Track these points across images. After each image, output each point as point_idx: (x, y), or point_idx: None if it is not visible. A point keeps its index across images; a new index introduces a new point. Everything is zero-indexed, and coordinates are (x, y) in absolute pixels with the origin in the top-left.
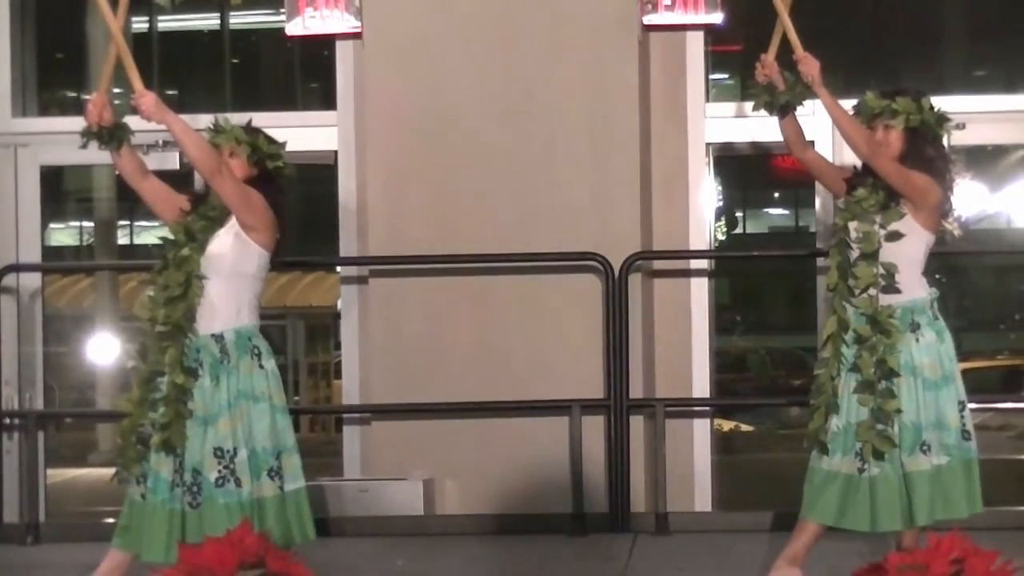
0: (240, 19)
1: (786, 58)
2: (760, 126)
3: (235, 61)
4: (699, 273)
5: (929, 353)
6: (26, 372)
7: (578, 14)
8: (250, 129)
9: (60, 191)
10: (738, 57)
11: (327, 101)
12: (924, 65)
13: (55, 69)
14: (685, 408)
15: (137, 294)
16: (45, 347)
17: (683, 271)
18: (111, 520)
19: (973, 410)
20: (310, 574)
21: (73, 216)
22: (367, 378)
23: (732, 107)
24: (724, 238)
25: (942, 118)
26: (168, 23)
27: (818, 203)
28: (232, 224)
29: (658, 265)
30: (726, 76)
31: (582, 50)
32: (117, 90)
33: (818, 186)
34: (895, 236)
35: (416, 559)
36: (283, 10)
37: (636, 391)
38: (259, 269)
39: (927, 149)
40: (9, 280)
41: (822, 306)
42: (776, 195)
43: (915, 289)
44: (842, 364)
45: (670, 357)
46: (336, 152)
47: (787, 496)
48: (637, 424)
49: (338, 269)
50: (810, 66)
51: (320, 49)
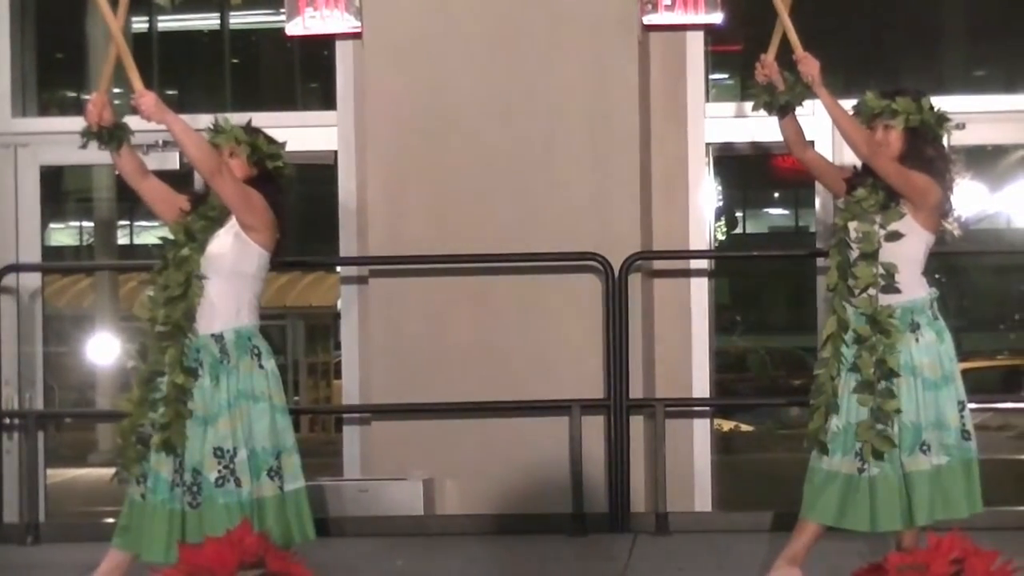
0: (240, 19)
1: (786, 58)
2: (760, 126)
3: (235, 61)
4: (699, 273)
5: (929, 353)
6: (26, 372)
7: (578, 14)
8: (250, 129)
9: (60, 191)
10: (738, 57)
11: (327, 101)
12: (924, 65)
13: (55, 69)
14: (685, 408)
15: (137, 294)
16: (45, 347)
17: (683, 271)
18: (111, 520)
19: (973, 410)
20: (310, 574)
21: (73, 216)
22: (367, 378)
23: (732, 107)
24: (724, 238)
25: (942, 118)
26: (168, 23)
27: (818, 203)
28: (232, 224)
29: (658, 265)
30: (726, 76)
31: (582, 50)
32: (117, 90)
33: (818, 186)
34: (895, 236)
35: (416, 559)
36: (283, 10)
37: (636, 391)
38: (259, 269)
39: (927, 149)
40: (9, 280)
41: (822, 306)
42: (776, 195)
43: (915, 289)
44: (842, 364)
45: (670, 357)
46: (336, 152)
47: (787, 496)
48: (637, 424)
49: (338, 269)
50: (810, 66)
51: (320, 49)
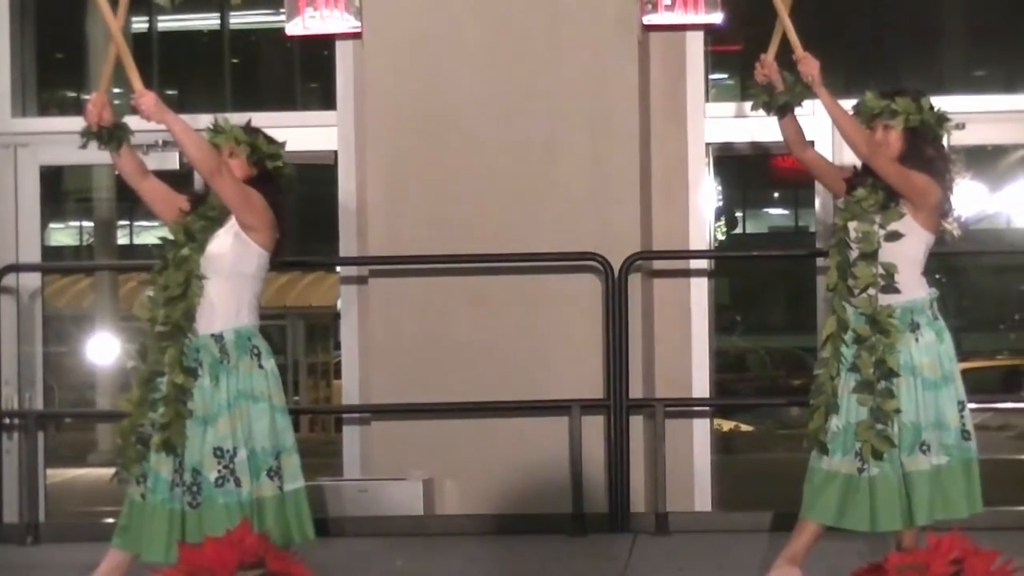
0: (240, 19)
1: (786, 58)
2: (760, 126)
3: (235, 61)
4: (699, 273)
5: (929, 353)
6: (26, 372)
7: (578, 14)
8: (249, 129)
9: (60, 191)
10: (738, 57)
11: (327, 101)
12: (924, 65)
13: (55, 69)
14: (685, 408)
15: (137, 294)
16: (45, 347)
17: (683, 271)
18: (111, 520)
19: (973, 410)
20: (310, 574)
21: (73, 216)
22: (367, 378)
23: (732, 107)
24: (724, 238)
25: (942, 118)
26: (168, 23)
27: (818, 203)
28: (232, 224)
29: (658, 265)
30: (726, 76)
31: (582, 50)
32: (117, 90)
33: (818, 186)
34: (894, 236)
35: (416, 559)
36: (283, 10)
37: (636, 391)
38: (259, 269)
39: (927, 149)
40: (9, 280)
41: (822, 306)
42: (776, 195)
43: (915, 289)
44: (842, 364)
45: (670, 357)
46: (336, 152)
47: (787, 496)
48: (637, 424)
49: (338, 269)
50: (810, 66)
51: (320, 49)
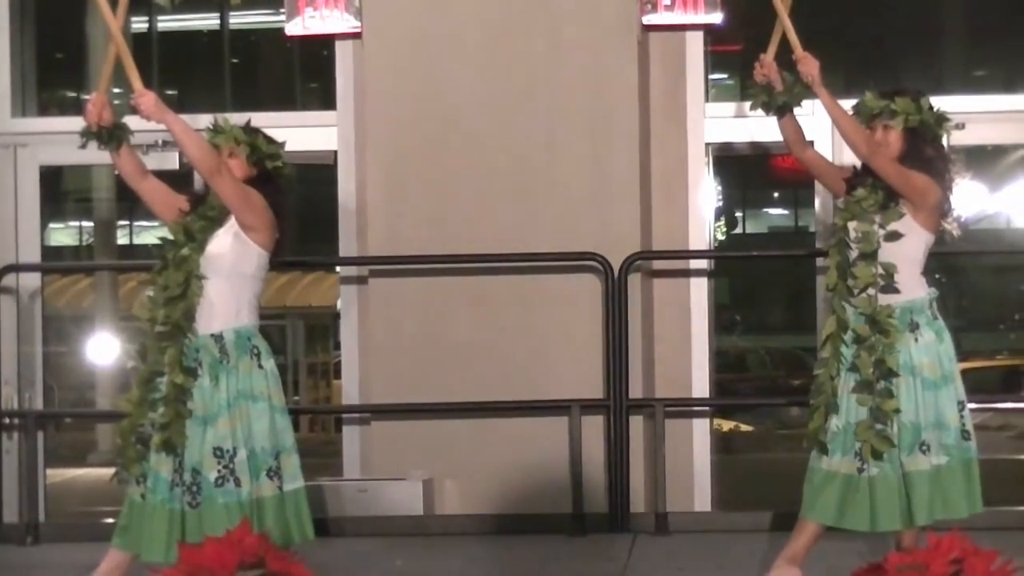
0: (240, 19)
1: (786, 58)
2: (760, 126)
3: (235, 61)
4: (699, 273)
5: (928, 353)
6: (26, 372)
7: (578, 14)
8: (249, 129)
9: (60, 191)
10: (738, 57)
11: (327, 101)
12: (924, 65)
13: (55, 69)
14: (685, 408)
15: (137, 294)
16: (45, 347)
17: (683, 271)
18: (111, 520)
19: (973, 410)
20: (310, 574)
21: (73, 216)
22: (367, 378)
23: (732, 107)
24: (724, 238)
25: (941, 118)
26: (168, 23)
27: (818, 203)
28: (231, 224)
29: (658, 265)
30: (726, 76)
31: (582, 50)
32: (117, 90)
33: (818, 186)
34: (894, 236)
35: (416, 559)
36: (283, 10)
37: (636, 391)
38: (258, 269)
39: (926, 149)
40: (9, 280)
41: (822, 306)
42: (776, 195)
43: (914, 289)
44: (841, 364)
45: (670, 357)
46: (336, 152)
47: (787, 496)
48: (637, 424)
49: (338, 269)
50: (810, 66)
51: (320, 49)
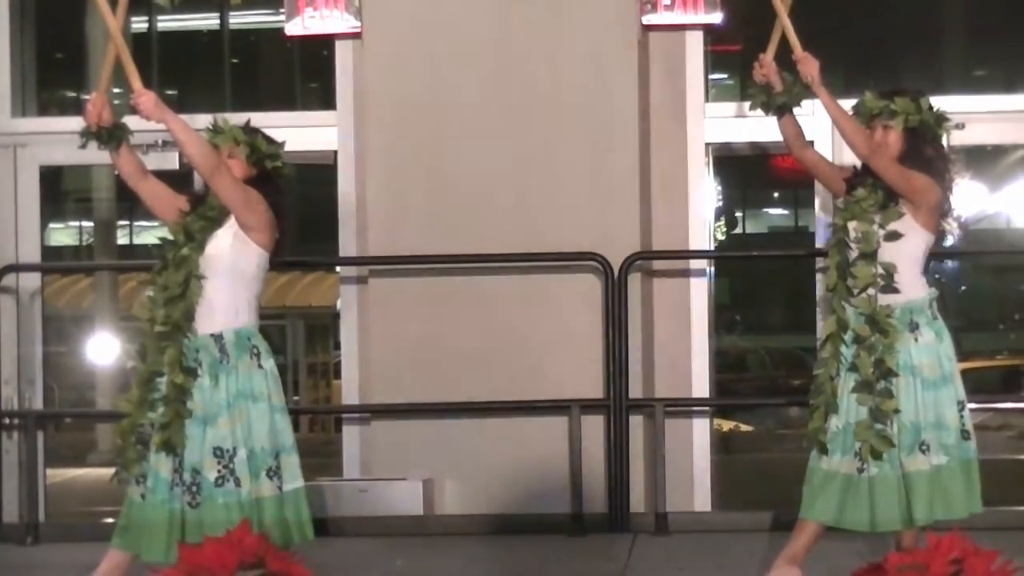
0: (240, 19)
1: (786, 58)
2: (760, 126)
3: (235, 61)
4: (699, 273)
5: (928, 353)
6: (26, 372)
7: (578, 14)
8: (249, 129)
9: (60, 191)
10: (738, 57)
11: (327, 101)
12: (924, 65)
13: (55, 69)
14: (685, 408)
15: (137, 294)
16: (45, 347)
17: (683, 271)
18: (111, 520)
19: (973, 410)
20: (310, 574)
21: (73, 216)
22: (367, 378)
23: (732, 107)
24: (724, 238)
25: (941, 118)
26: (168, 23)
27: (818, 203)
28: (231, 224)
29: (658, 265)
30: (726, 76)
31: (582, 50)
32: (116, 90)
33: (818, 186)
34: (894, 236)
35: (416, 559)
36: (283, 10)
37: (636, 391)
38: (258, 269)
39: (926, 149)
40: (9, 280)
41: (822, 306)
42: (776, 195)
43: (914, 289)
44: (841, 364)
45: (670, 357)
46: (336, 152)
47: (787, 496)
48: (637, 424)
49: (337, 269)
50: (809, 66)
51: (320, 49)
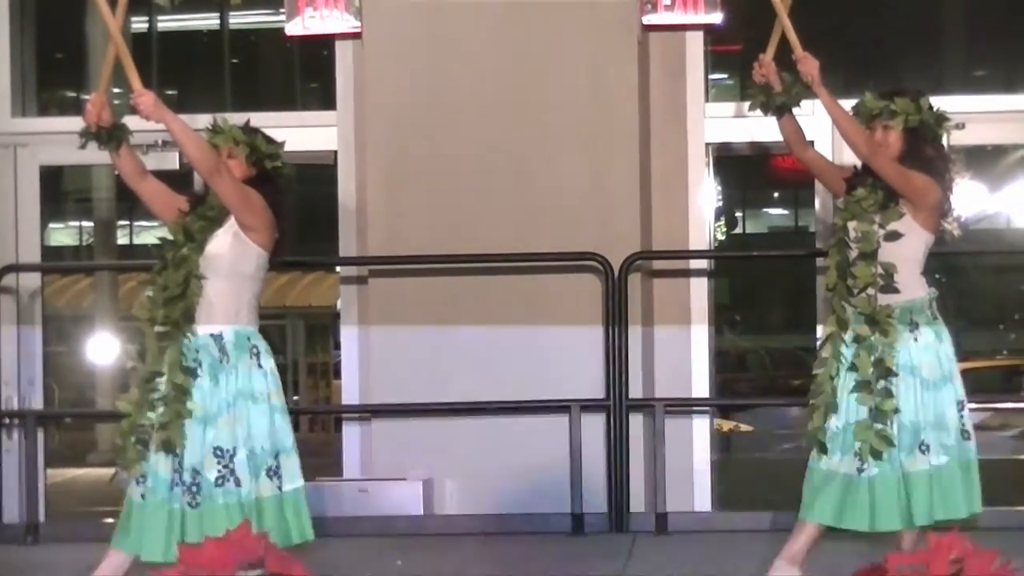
0: (240, 19)
1: (786, 58)
2: (760, 126)
3: (235, 61)
4: (699, 273)
5: (928, 353)
6: (26, 372)
7: (578, 14)
8: (248, 129)
9: (60, 191)
10: (738, 57)
11: (327, 101)
12: (924, 65)
13: (54, 69)
14: (685, 408)
15: (136, 294)
16: (45, 347)
17: (683, 271)
18: (111, 520)
19: (973, 410)
20: (310, 574)
21: (73, 216)
22: (367, 378)
23: (732, 107)
24: (724, 238)
25: (941, 118)
26: (168, 23)
27: (818, 203)
28: (231, 224)
29: (658, 265)
30: (726, 76)
31: (582, 50)
32: (116, 90)
33: (818, 186)
34: (894, 236)
35: (416, 559)
36: (283, 10)
37: (636, 391)
38: (258, 269)
39: (926, 149)
40: (9, 280)
41: (822, 306)
42: (776, 195)
43: (914, 289)
44: (841, 364)
45: (670, 357)
46: (336, 152)
47: (787, 496)
48: (637, 424)
49: (338, 269)
50: (809, 66)
51: (320, 49)
